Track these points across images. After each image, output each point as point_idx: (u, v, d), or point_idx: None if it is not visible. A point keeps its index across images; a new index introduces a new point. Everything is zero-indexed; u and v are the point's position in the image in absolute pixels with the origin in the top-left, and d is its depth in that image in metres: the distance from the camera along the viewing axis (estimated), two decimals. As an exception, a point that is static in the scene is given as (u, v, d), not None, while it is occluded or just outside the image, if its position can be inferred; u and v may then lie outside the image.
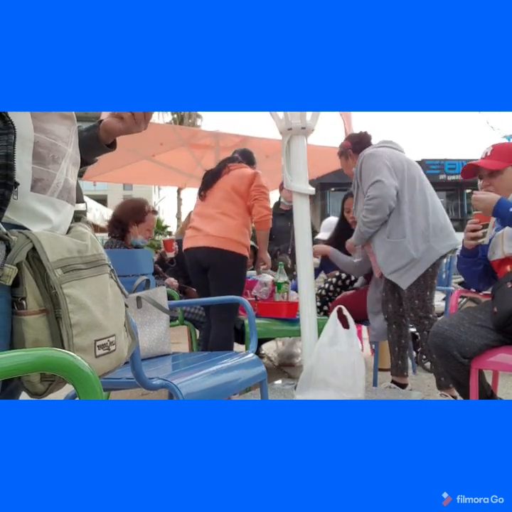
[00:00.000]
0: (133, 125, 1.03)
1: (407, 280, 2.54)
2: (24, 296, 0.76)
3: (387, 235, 2.59)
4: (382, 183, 2.51)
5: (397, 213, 2.56)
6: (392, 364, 2.78)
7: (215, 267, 2.75)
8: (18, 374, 0.59)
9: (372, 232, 2.63)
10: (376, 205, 2.52)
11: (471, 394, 1.78)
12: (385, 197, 2.51)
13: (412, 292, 2.55)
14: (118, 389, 2.41)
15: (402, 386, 2.73)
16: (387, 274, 2.61)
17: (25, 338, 0.76)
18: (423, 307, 2.54)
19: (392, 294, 2.72)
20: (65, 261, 0.80)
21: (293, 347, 3.85)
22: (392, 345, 2.76)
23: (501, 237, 1.89)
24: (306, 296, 2.51)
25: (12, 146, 0.75)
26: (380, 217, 2.56)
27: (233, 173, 2.85)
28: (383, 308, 2.79)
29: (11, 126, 0.76)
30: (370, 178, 2.56)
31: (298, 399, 2.28)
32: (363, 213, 2.60)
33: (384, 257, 2.61)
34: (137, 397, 2.88)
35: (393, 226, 2.57)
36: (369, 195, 2.55)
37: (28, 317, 0.76)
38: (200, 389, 1.44)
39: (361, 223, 2.63)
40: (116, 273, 0.96)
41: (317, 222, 22.28)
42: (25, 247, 0.76)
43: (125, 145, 4.80)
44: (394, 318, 2.73)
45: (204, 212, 2.87)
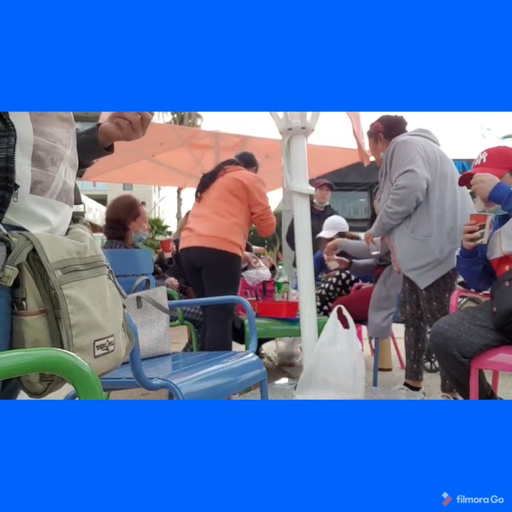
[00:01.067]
0: (131, 133, 1.04)
1: (426, 280, 2.44)
2: (24, 297, 0.77)
3: (411, 230, 2.46)
4: (414, 173, 2.37)
5: (425, 208, 2.43)
6: (407, 367, 2.71)
7: (208, 266, 2.75)
8: (18, 374, 0.59)
9: (394, 224, 2.50)
10: (403, 195, 2.38)
11: (471, 394, 1.78)
12: (414, 188, 2.36)
13: (430, 293, 2.46)
14: (118, 389, 2.42)
15: (415, 389, 2.69)
16: (405, 271, 2.51)
17: (25, 338, 0.76)
18: (441, 309, 2.44)
19: (410, 296, 2.62)
20: (64, 262, 0.81)
21: (293, 347, 3.85)
22: (408, 348, 2.68)
23: (499, 236, 1.88)
24: (306, 296, 2.51)
25: (12, 149, 0.76)
26: (406, 210, 2.42)
27: (228, 174, 2.86)
28: (401, 308, 2.71)
29: (11, 128, 0.76)
30: (402, 166, 2.41)
31: (298, 399, 2.28)
32: (388, 203, 2.46)
33: (405, 252, 2.49)
34: (137, 397, 2.88)
35: (419, 221, 2.44)
36: (398, 184, 2.41)
37: (28, 317, 0.76)
38: (200, 389, 1.44)
39: (384, 213, 2.50)
40: (117, 273, 0.97)
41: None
42: (26, 249, 0.76)
43: (125, 145, 4.80)
44: (412, 321, 2.65)
45: (198, 213, 2.88)
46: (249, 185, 2.81)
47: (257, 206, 2.84)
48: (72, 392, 1.52)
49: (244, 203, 2.83)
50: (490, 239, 1.93)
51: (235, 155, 3.19)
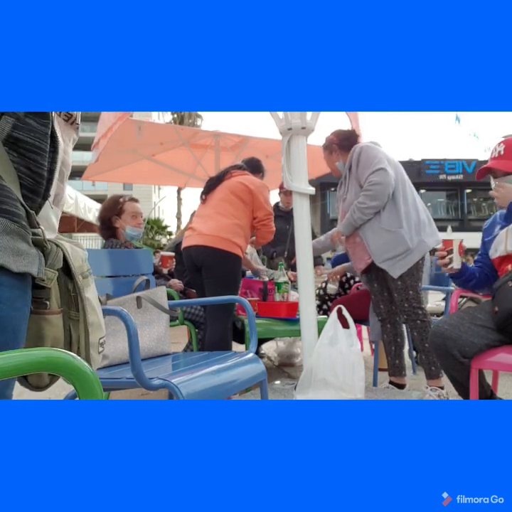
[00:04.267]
0: None
1: (400, 269, 2.58)
2: (49, 297, 0.85)
3: (383, 224, 2.61)
4: (385, 171, 2.55)
5: (392, 204, 2.61)
6: (389, 364, 2.80)
7: (207, 265, 2.75)
8: (18, 374, 0.59)
9: (365, 219, 2.63)
10: (377, 191, 2.55)
11: (471, 394, 1.78)
12: (387, 184, 2.54)
13: (405, 283, 2.59)
14: (118, 389, 2.42)
15: (400, 387, 2.73)
16: (379, 262, 2.62)
17: (45, 335, 0.84)
18: (417, 297, 2.59)
19: (382, 294, 2.77)
20: (81, 268, 0.91)
21: (293, 347, 3.85)
22: (388, 346, 2.79)
23: (505, 235, 1.88)
24: (306, 296, 2.51)
25: (56, 164, 0.85)
26: (378, 205, 2.57)
27: (234, 178, 2.89)
28: (375, 310, 2.83)
29: (57, 146, 0.85)
30: (372, 166, 2.59)
31: (298, 399, 2.28)
32: (360, 199, 2.60)
33: (378, 244, 2.62)
34: (137, 397, 2.88)
35: (388, 215, 2.60)
36: (371, 180, 2.57)
37: (51, 316, 0.85)
38: (200, 389, 1.44)
39: (355, 209, 2.62)
40: (117, 273, 1.02)
41: (317, 222, 22.22)
42: (60, 254, 0.86)
43: (125, 145, 4.83)
44: (388, 318, 2.77)
45: (202, 213, 2.90)
46: (254, 190, 2.84)
47: (261, 210, 2.88)
48: (72, 392, 1.52)
49: (249, 206, 2.85)
50: (495, 237, 1.94)
51: (242, 160, 3.20)
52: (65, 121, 0.93)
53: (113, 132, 3.53)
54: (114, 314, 1.36)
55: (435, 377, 2.53)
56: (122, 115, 3.42)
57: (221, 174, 2.97)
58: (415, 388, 2.86)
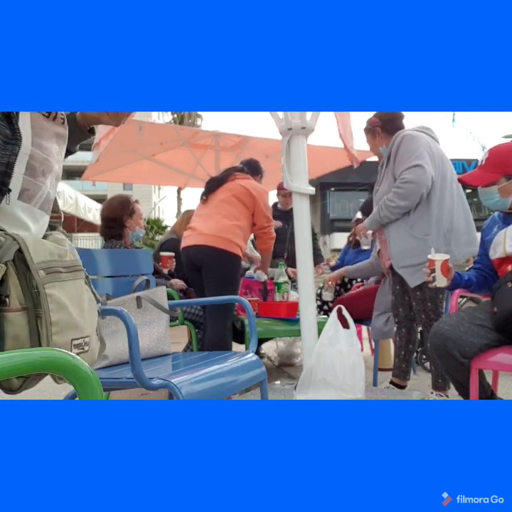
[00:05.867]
0: (113, 117, 1.07)
1: (417, 279, 2.39)
2: (8, 294, 0.80)
3: (410, 227, 2.40)
4: (422, 169, 2.32)
5: (425, 206, 2.38)
6: (395, 365, 2.72)
7: (207, 264, 2.75)
8: (18, 374, 0.59)
9: (392, 219, 2.44)
10: (409, 190, 2.33)
11: (471, 394, 1.78)
12: (421, 184, 2.32)
13: (425, 294, 2.42)
14: (118, 389, 2.41)
15: (400, 388, 2.72)
16: (397, 267, 2.47)
17: (6, 333, 0.80)
18: (435, 310, 2.44)
19: (403, 298, 2.61)
20: (47, 263, 0.86)
21: (293, 347, 3.85)
22: (399, 349, 2.68)
23: (503, 236, 1.88)
24: (306, 296, 2.51)
25: (15, 156, 0.81)
26: (408, 205, 2.36)
27: (237, 181, 2.89)
28: (393, 311, 2.69)
29: (18, 138, 0.81)
30: (409, 160, 2.36)
31: (298, 399, 2.28)
32: (389, 196, 2.41)
33: (400, 249, 2.44)
34: (137, 397, 2.88)
35: (418, 219, 2.39)
36: (404, 177, 2.35)
37: (10, 313, 0.80)
38: (200, 389, 1.44)
39: (383, 206, 2.43)
40: (117, 273, 1.00)
41: (317, 222, 22.27)
42: (13, 248, 0.81)
43: (125, 145, 4.82)
44: (404, 323, 2.64)
45: (202, 213, 2.91)
46: (257, 197, 2.85)
47: (263, 218, 2.88)
48: (72, 392, 1.52)
49: (249, 209, 2.85)
50: (494, 238, 1.94)
51: (240, 161, 3.20)
52: (45, 117, 0.90)
53: (115, 133, 3.53)
54: (114, 314, 1.36)
55: (441, 390, 2.44)
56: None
57: (224, 175, 2.96)
58: (415, 388, 2.85)
